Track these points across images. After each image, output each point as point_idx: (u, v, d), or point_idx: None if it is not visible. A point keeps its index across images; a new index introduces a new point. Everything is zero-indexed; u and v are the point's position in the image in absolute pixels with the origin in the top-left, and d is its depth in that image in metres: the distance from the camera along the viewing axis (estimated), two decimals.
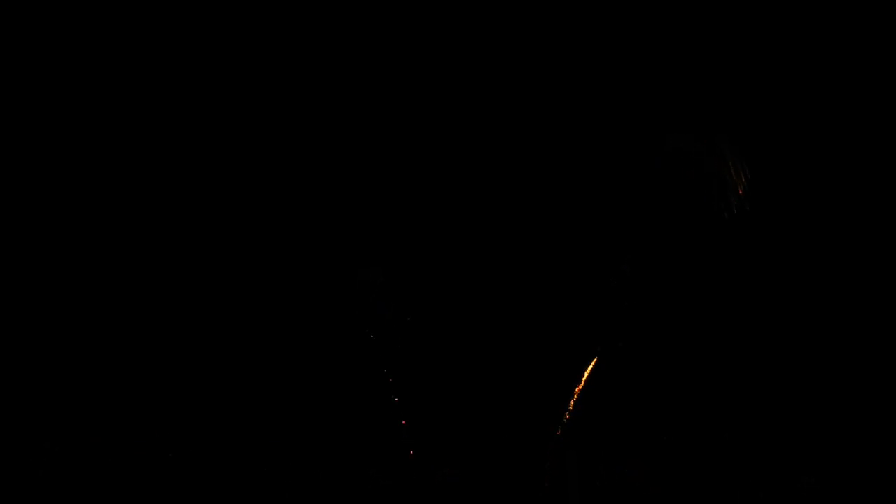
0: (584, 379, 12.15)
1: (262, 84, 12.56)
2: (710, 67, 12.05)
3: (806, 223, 12.55)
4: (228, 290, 13.05)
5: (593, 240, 12.14)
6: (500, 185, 12.28)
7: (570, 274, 12.24)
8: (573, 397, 12.17)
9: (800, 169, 12.37)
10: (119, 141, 12.82)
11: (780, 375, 12.47)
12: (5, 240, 12.84)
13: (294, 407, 13.15)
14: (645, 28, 11.97)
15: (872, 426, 12.23)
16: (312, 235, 12.72)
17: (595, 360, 12.13)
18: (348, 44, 12.30)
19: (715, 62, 12.07)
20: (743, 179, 11.76)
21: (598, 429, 12.41)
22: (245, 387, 13.22)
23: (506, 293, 12.42)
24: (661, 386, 12.43)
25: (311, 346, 13.14)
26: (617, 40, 11.98)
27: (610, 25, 11.94)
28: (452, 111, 12.16)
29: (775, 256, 12.54)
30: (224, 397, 13.26)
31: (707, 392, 12.34)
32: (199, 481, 13.02)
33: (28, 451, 12.89)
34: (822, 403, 12.32)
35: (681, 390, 12.40)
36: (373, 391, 12.81)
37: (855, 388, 12.37)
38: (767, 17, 12.23)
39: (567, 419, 12.21)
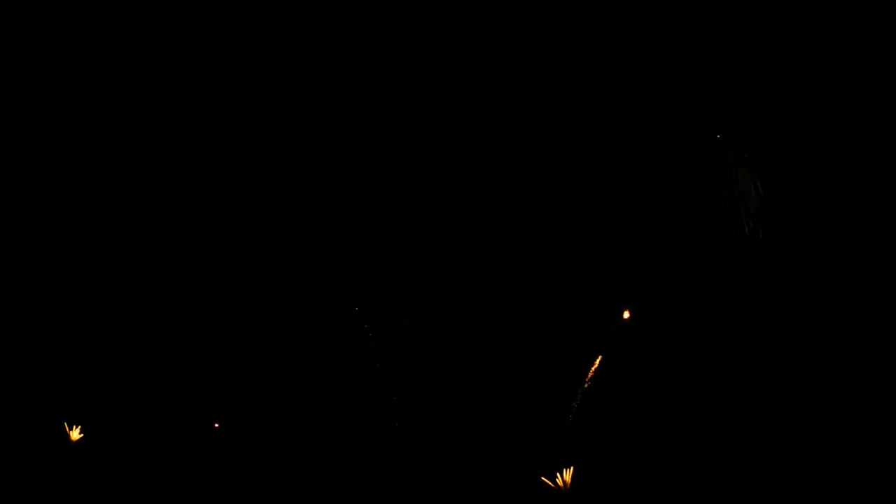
0: (586, 380, 12.17)
1: (265, 89, 12.57)
2: (711, 69, 12.07)
3: (805, 224, 12.57)
4: (229, 292, 13.04)
5: (594, 240, 12.15)
6: (501, 188, 12.29)
7: (571, 275, 12.24)
8: (576, 399, 12.19)
9: (799, 171, 12.40)
10: (122, 144, 12.81)
11: (779, 377, 12.51)
12: (5, 241, 12.83)
13: (294, 407, 13.15)
14: (646, 30, 11.98)
15: (870, 427, 12.26)
16: (313, 237, 12.72)
17: (598, 361, 12.15)
18: (351, 48, 12.31)
19: (715, 64, 12.08)
20: (744, 180, 11.78)
21: (598, 429, 12.43)
22: (245, 387, 13.21)
23: (507, 295, 12.42)
24: (661, 386, 12.45)
25: (311, 347, 13.14)
26: (618, 42, 11.99)
27: (611, 27, 11.95)
28: (454, 115, 12.17)
29: (774, 258, 12.57)
30: (224, 398, 13.25)
31: (707, 392, 12.37)
32: (199, 481, 13.01)
33: (28, 451, 12.88)
34: (821, 405, 12.36)
35: (680, 390, 12.43)
36: (373, 391, 12.81)
37: (853, 389, 12.41)
38: (764, 19, 12.25)
39: (567, 419, 12.22)
